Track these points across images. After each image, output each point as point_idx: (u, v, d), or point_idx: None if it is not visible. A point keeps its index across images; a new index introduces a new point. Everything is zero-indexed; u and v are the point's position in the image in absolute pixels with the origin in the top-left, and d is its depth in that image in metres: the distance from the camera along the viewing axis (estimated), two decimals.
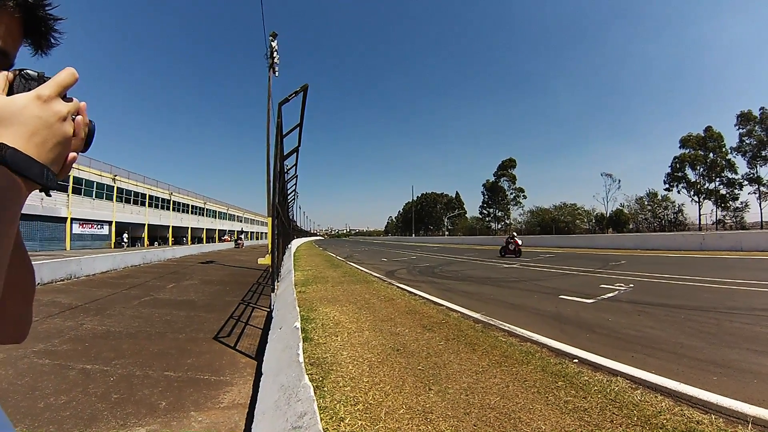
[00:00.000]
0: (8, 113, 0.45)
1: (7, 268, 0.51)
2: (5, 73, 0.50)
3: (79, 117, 0.54)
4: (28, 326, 0.64)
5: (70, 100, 0.52)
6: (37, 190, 0.49)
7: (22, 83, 0.50)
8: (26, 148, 0.44)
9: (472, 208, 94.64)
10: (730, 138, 50.56)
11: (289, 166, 14.46)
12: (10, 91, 0.49)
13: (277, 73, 22.24)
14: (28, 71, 0.52)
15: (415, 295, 8.17)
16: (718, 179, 50.99)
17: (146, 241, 47.19)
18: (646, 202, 58.90)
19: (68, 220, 34.03)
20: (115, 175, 42.73)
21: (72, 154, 0.52)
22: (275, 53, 22.07)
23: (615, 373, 3.61)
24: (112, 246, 39.77)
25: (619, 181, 62.02)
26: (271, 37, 22.08)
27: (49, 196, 0.46)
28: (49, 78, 0.51)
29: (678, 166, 54.13)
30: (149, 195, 48.86)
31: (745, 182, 49.04)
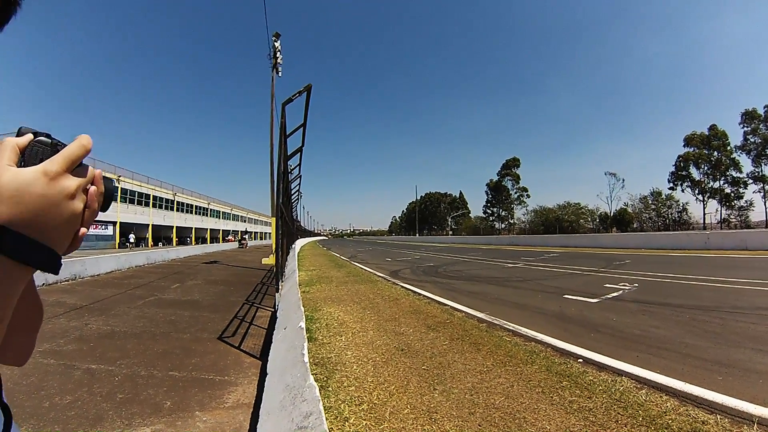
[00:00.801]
0: (13, 190, 0.41)
1: (19, 307, 0.51)
2: (15, 142, 0.46)
3: (92, 188, 0.51)
4: (30, 353, 0.62)
5: (84, 168, 0.49)
6: None
7: (35, 151, 0.47)
8: (30, 229, 0.42)
9: (476, 207, 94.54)
10: (735, 136, 50.29)
11: (292, 166, 14.47)
12: (22, 158, 0.46)
13: (280, 73, 22.27)
14: (41, 138, 0.48)
15: (420, 294, 8.16)
16: (722, 178, 50.57)
17: (150, 242, 47.37)
18: (650, 201, 58.45)
19: None
20: (119, 176, 42.89)
21: (83, 230, 0.50)
22: (278, 53, 22.11)
23: (620, 372, 3.59)
24: (117, 246, 39.96)
25: (623, 180, 61.59)
26: (274, 38, 22.11)
27: (56, 274, 0.44)
28: (64, 145, 0.48)
29: (682, 164, 53.74)
30: (153, 195, 49.03)
31: (750, 181, 48.64)
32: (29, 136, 0.48)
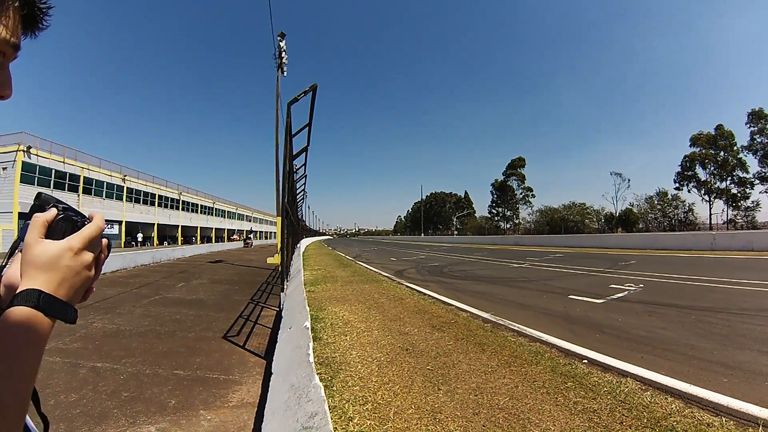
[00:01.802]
0: (45, 260, 0.55)
1: None
2: (44, 218, 0.58)
3: (101, 256, 0.64)
4: None
5: (98, 243, 0.62)
6: None
7: (59, 227, 0.58)
8: (57, 292, 0.55)
9: (481, 207, 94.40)
10: (741, 136, 49.91)
11: (298, 166, 14.50)
12: (50, 229, 0.58)
13: (285, 72, 22.32)
14: (68, 215, 0.60)
15: (424, 294, 8.16)
16: (729, 178, 50.25)
17: (156, 241, 47.60)
18: (655, 202, 58.21)
19: None
20: (125, 175, 43.14)
21: (92, 288, 0.63)
22: (284, 53, 22.15)
23: (625, 374, 3.58)
24: (122, 245, 40.18)
25: (629, 180, 61.39)
26: (279, 38, 22.15)
27: (74, 323, 0.59)
28: (80, 220, 0.61)
29: (688, 164, 53.43)
30: (158, 195, 49.25)
31: (757, 181, 48.30)
32: (53, 212, 0.59)
